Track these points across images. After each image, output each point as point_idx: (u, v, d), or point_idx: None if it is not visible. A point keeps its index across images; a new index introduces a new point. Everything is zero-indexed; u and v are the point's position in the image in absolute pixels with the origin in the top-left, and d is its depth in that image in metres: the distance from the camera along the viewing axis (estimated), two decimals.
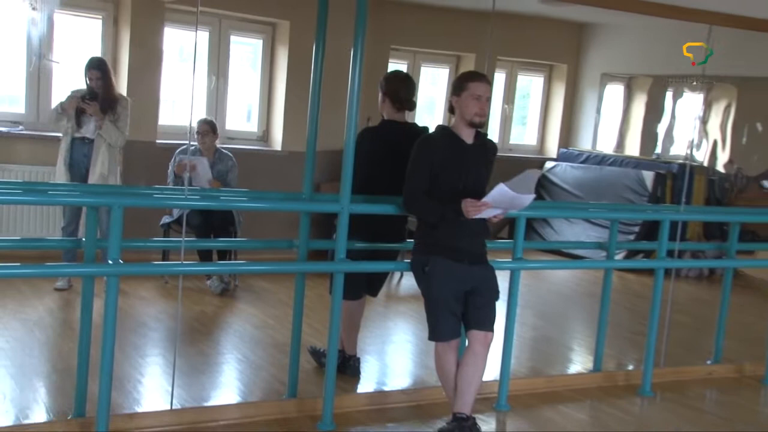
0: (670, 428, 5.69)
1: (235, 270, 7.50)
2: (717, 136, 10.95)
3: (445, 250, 4.76)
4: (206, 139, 7.57)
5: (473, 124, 4.75)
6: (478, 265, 4.88)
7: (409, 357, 6.65)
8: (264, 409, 5.06)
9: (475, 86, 4.71)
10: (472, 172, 4.81)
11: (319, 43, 5.02)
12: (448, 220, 4.69)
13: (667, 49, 10.12)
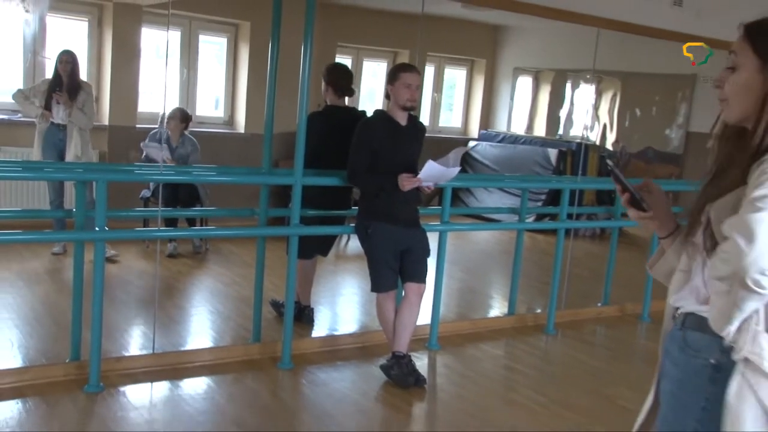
0: (568, 358, 5.81)
1: (205, 235, 7.49)
2: (606, 120, 11.09)
3: (385, 216, 4.77)
4: (171, 124, 7.42)
5: (405, 108, 4.76)
6: (412, 228, 4.91)
7: (356, 307, 6.67)
8: (232, 352, 5.06)
9: (406, 76, 4.72)
10: (406, 149, 4.84)
11: (274, 40, 5.00)
12: (387, 191, 4.71)
13: (566, 47, 10.22)
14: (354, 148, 4.80)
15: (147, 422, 4.07)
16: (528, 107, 12.00)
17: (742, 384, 1.85)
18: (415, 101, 4.80)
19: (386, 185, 4.70)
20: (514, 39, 11.92)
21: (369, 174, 4.77)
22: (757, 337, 1.82)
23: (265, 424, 4.17)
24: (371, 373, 4.95)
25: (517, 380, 5.28)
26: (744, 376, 1.85)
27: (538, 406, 4.74)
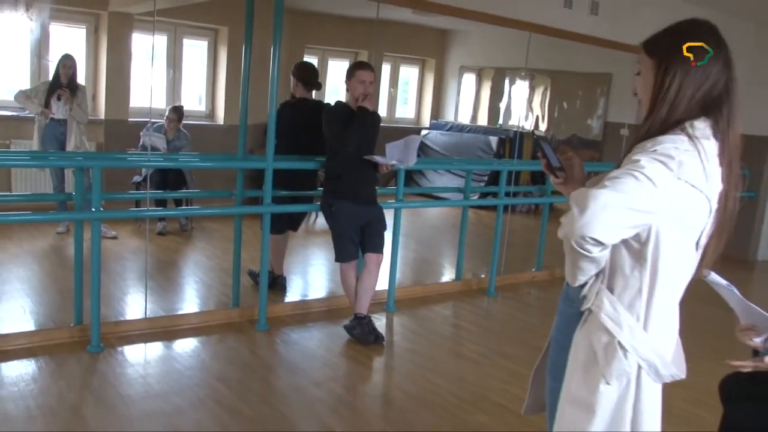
0: (506, 316, 5.88)
1: (189, 214, 7.46)
2: (539, 112, 11.14)
3: (347, 196, 4.77)
4: (171, 124, 7.45)
5: (359, 100, 4.73)
6: (371, 206, 4.91)
7: (324, 275, 6.67)
8: (215, 316, 5.05)
9: (360, 73, 4.73)
10: (366, 134, 4.79)
11: (247, 43, 4.95)
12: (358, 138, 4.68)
13: (504, 48, 10.25)
14: (327, 123, 4.76)
15: (142, 377, 4.06)
16: (472, 100, 12.02)
17: (584, 328, 1.96)
18: (370, 95, 4.77)
19: (358, 131, 4.67)
20: (460, 41, 11.93)
21: (346, 133, 4.68)
22: (600, 293, 1.91)
23: (245, 378, 4.18)
24: (337, 332, 4.97)
25: (462, 336, 5.34)
26: (587, 322, 1.95)
27: (481, 357, 4.80)
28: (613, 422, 1.92)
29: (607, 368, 1.89)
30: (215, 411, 3.70)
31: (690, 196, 1.81)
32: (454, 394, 4.14)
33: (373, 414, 3.92)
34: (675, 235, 1.84)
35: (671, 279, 1.89)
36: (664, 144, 1.80)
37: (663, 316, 1.92)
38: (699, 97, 1.88)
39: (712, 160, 1.84)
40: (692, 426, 3.69)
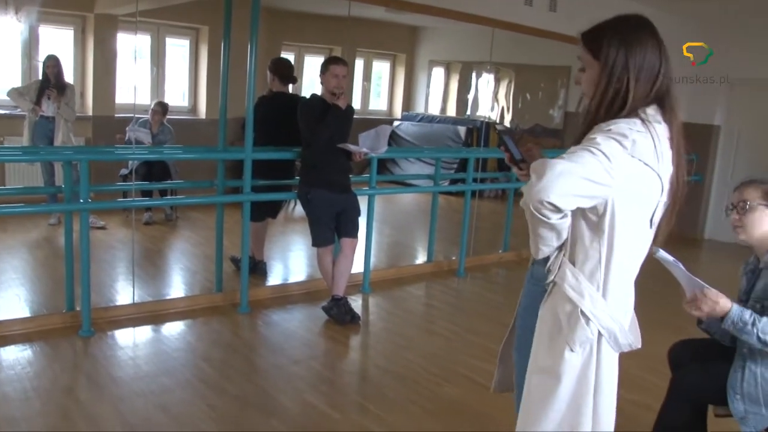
0: (475, 295, 5.92)
1: (172, 203, 7.37)
2: (504, 103, 11.18)
3: (322, 184, 4.74)
4: (156, 117, 7.39)
5: (333, 94, 4.69)
6: (345, 193, 4.87)
7: (302, 260, 6.66)
8: (200, 300, 5.04)
9: (333, 68, 4.68)
10: (339, 126, 4.74)
11: (226, 41, 4.89)
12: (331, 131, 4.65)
13: (470, 43, 10.26)
14: (302, 120, 4.72)
15: (131, 359, 4.04)
16: (441, 93, 12.02)
17: (549, 300, 1.99)
18: (342, 88, 4.72)
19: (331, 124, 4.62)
20: (429, 37, 11.92)
21: (320, 125, 4.64)
22: (563, 265, 1.95)
23: (229, 358, 4.17)
24: (315, 313, 4.97)
25: (434, 314, 5.37)
26: (552, 294, 1.99)
27: (452, 334, 4.84)
28: (578, 388, 1.95)
29: (571, 336, 1.92)
30: (201, 389, 3.69)
31: (643, 174, 1.85)
32: (426, 369, 4.16)
33: (351, 389, 3.93)
34: (629, 209, 1.87)
35: (627, 251, 1.92)
36: (619, 124, 1.84)
37: (620, 287, 1.96)
38: (645, 86, 1.90)
39: (664, 142, 1.88)
40: (646, 392, 3.75)
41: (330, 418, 3.48)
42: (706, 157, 9.05)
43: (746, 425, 2.66)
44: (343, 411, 3.57)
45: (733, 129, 8.95)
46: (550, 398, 1.96)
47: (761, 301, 2.67)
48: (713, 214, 9.23)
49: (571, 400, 1.96)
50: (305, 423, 3.41)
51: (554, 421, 1.97)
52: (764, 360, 2.66)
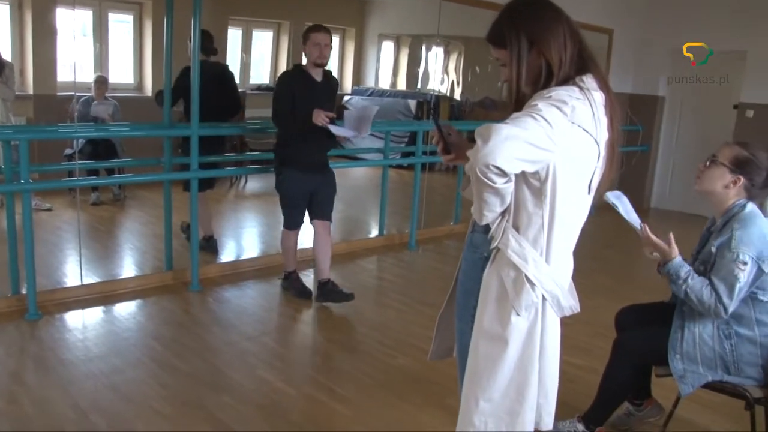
0: (427, 267, 5.96)
1: (117, 182, 7.04)
2: (454, 76, 11.22)
3: (296, 163, 4.54)
4: (100, 89, 7.23)
5: (316, 64, 4.47)
6: (320, 172, 4.68)
7: (254, 237, 6.64)
8: (150, 279, 4.98)
9: (315, 36, 4.46)
10: (322, 101, 4.45)
11: (168, 16, 4.77)
12: (303, 130, 4.41)
13: (420, 16, 10.24)
14: (275, 96, 4.51)
15: (80, 341, 3.98)
16: (391, 66, 12.00)
17: (493, 266, 2.02)
18: (325, 58, 4.49)
19: (305, 122, 4.35)
20: (378, 10, 11.85)
21: (290, 116, 4.44)
22: (506, 231, 1.98)
23: (180, 336, 4.14)
24: (267, 290, 4.97)
25: (386, 287, 5.41)
26: (495, 260, 2.02)
27: (403, 306, 4.88)
28: (524, 352, 2.00)
29: (516, 300, 1.96)
30: (152, 368, 3.67)
31: (582, 140, 1.90)
32: (378, 341, 4.20)
33: (304, 363, 3.95)
34: (569, 174, 1.91)
35: (568, 216, 1.97)
36: (559, 92, 1.87)
37: (562, 251, 2.01)
38: (569, 59, 1.94)
39: (600, 109, 1.93)
40: (593, 355, 3.84)
41: (283, 393, 3.49)
42: (652, 127, 9.24)
43: (684, 383, 2.76)
44: (297, 385, 3.59)
45: (677, 99, 9.14)
46: (498, 363, 2.00)
47: (704, 263, 2.76)
48: (659, 184, 9.46)
49: (518, 364, 2.00)
50: (258, 399, 3.41)
51: (502, 385, 2.01)
52: (702, 321, 2.76)
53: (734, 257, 2.61)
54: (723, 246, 2.67)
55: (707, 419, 3.44)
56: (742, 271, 2.59)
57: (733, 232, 2.66)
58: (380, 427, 3.21)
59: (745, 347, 2.72)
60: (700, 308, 2.68)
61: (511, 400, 2.02)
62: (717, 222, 2.82)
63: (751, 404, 2.72)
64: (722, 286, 2.62)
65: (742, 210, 2.73)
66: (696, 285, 2.66)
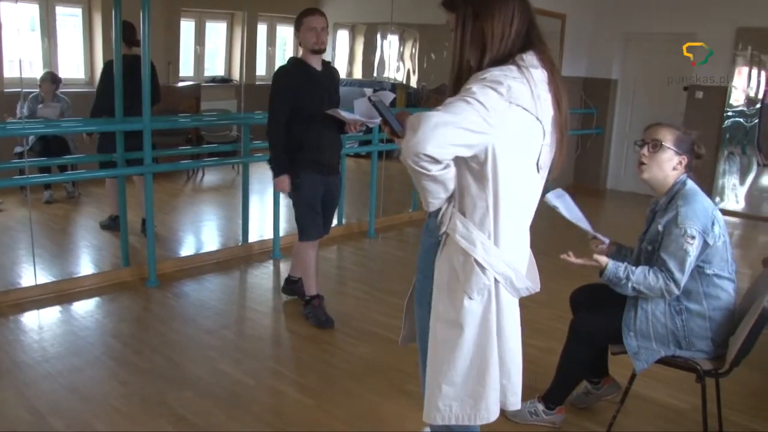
0: (386, 255, 5.97)
1: (70, 178, 6.86)
2: (410, 64, 11.23)
3: (312, 165, 4.06)
4: (44, 86, 7.04)
5: (314, 51, 4.04)
6: (332, 175, 4.22)
7: (212, 230, 6.58)
8: (107, 277, 4.90)
9: (309, 20, 4.03)
10: (324, 94, 4.06)
11: (117, 9, 4.70)
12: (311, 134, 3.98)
13: (375, 4, 10.19)
14: (272, 96, 4.02)
15: (36, 342, 3.90)
16: (347, 55, 11.96)
17: (444, 252, 2.05)
18: (324, 43, 4.04)
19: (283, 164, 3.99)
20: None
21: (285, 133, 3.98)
22: (453, 216, 2.00)
23: (139, 333, 4.10)
24: (226, 283, 4.94)
25: (346, 276, 5.41)
26: (445, 245, 2.04)
27: (364, 294, 4.89)
28: (481, 335, 2.01)
29: (467, 284, 1.97)
30: (111, 366, 3.63)
31: (522, 119, 1.89)
32: (339, 330, 4.21)
33: (264, 355, 3.93)
34: (511, 154, 1.91)
35: (514, 196, 1.96)
36: (494, 72, 1.87)
37: (512, 233, 2.00)
38: (514, 35, 1.94)
39: (541, 86, 1.92)
40: (554, 337, 3.90)
41: (245, 385, 3.47)
42: (605, 110, 9.38)
43: (639, 360, 2.82)
44: (258, 377, 3.58)
45: (630, 82, 9.28)
46: (456, 347, 2.01)
47: (652, 243, 2.82)
48: (614, 165, 9.60)
49: (476, 347, 2.02)
50: (219, 392, 3.39)
51: (462, 369, 2.03)
52: (654, 299, 2.82)
53: (682, 232, 2.67)
54: (670, 223, 2.72)
55: (662, 393, 3.52)
56: (691, 245, 2.66)
57: (678, 209, 2.72)
58: (343, 415, 3.22)
59: (695, 322, 2.79)
60: (652, 294, 2.73)
61: (473, 383, 2.04)
62: (660, 201, 2.87)
63: (702, 377, 2.79)
64: (673, 262, 2.68)
65: (684, 187, 2.80)
66: (639, 277, 2.72)
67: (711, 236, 2.71)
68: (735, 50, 8.17)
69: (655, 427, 3.26)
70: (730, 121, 8.37)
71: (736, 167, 8.44)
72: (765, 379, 3.85)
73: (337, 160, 4.26)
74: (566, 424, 3.17)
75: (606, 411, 3.22)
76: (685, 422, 3.28)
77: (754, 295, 2.86)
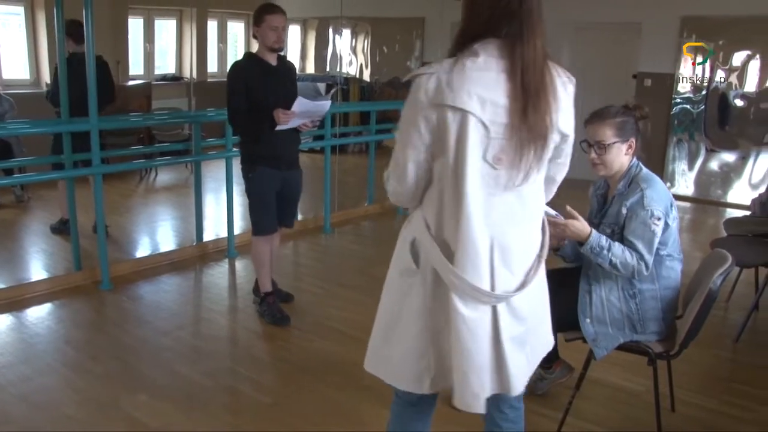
0: (343, 249, 5.96)
1: (17, 182, 6.67)
2: (362, 58, 11.21)
3: (266, 160, 4.05)
4: None
5: (273, 49, 4.01)
6: (291, 169, 4.21)
7: (167, 230, 6.48)
8: (60, 281, 4.80)
9: (271, 18, 3.95)
10: (280, 88, 4.01)
11: (59, 8, 4.58)
12: (264, 130, 3.96)
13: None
14: (229, 91, 3.97)
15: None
16: (299, 50, 11.90)
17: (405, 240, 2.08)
18: (282, 42, 4.02)
19: (264, 123, 3.93)
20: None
21: (248, 117, 3.98)
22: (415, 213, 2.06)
23: (93, 337, 4.03)
24: (181, 283, 4.89)
25: (302, 272, 5.38)
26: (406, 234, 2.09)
27: (320, 290, 4.87)
28: (393, 308, 2.08)
29: (400, 262, 2.06)
30: (64, 373, 3.55)
31: (451, 115, 1.80)
32: (296, 327, 4.19)
33: (221, 354, 3.89)
34: (450, 152, 1.84)
35: (456, 191, 1.87)
36: (416, 81, 1.85)
37: (453, 226, 1.90)
38: (485, 17, 1.84)
39: (487, 76, 1.81)
40: None
41: (201, 386, 3.44)
42: None
43: (598, 347, 2.85)
44: (215, 377, 3.54)
45: (580, 71, 9.36)
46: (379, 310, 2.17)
47: (612, 226, 2.84)
48: None
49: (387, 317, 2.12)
50: (175, 394, 3.35)
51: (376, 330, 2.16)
52: (607, 283, 2.85)
53: (649, 214, 2.71)
54: (635, 205, 2.75)
55: (617, 376, 3.58)
56: (657, 227, 2.71)
57: (644, 192, 2.75)
58: (301, 410, 3.21)
59: (649, 303, 2.83)
60: (624, 272, 2.74)
61: (378, 346, 2.13)
62: (618, 185, 2.89)
63: (653, 359, 2.84)
64: (641, 244, 2.72)
65: (641, 170, 2.85)
66: (617, 251, 2.73)
67: (671, 217, 2.78)
68: (680, 38, 8.33)
69: (610, 410, 3.31)
70: (678, 108, 8.54)
71: (685, 153, 8.62)
72: (714, 358, 3.95)
73: (294, 155, 4.25)
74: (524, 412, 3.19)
75: (563, 396, 3.26)
76: (639, 404, 3.35)
77: (701, 277, 2.93)
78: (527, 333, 2.02)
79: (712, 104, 8.32)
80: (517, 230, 1.95)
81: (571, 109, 1.98)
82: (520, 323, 1.99)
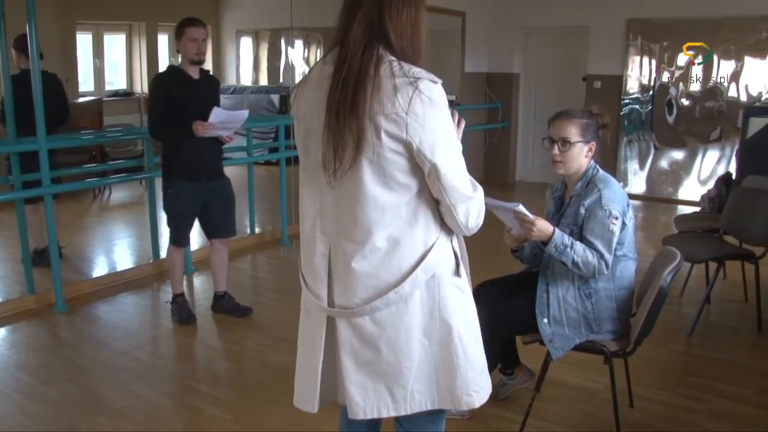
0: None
1: None
2: None
3: (185, 173, 4.12)
4: None
5: (193, 61, 4.08)
6: (214, 180, 4.28)
7: (123, 248, 6.38)
8: (10, 306, 4.69)
9: (191, 31, 4.05)
10: (200, 101, 4.07)
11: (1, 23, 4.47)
12: (185, 139, 4.02)
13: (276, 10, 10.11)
14: (150, 101, 4.09)
15: None
16: (252, 62, 11.84)
17: None
18: (203, 55, 4.09)
19: (183, 133, 4.00)
20: (234, 6, 11.63)
21: (168, 125, 4.05)
22: None
23: (47, 362, 3.93)
24: (139, 302, 4.82)
25: (261, 286, 5.36)
26: None
27: (278, 303, 4.86)
28: None
29: None
30: (17, 400, 3.46)
31: (298, 126, 1.88)
32: (255, 341, 4.16)
33: (180, 373, 3.83)
34: (302, 158, 1.89)
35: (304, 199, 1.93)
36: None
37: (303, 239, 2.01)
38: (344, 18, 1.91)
39: (315, 82, 1.80)
40: None
41: (160, 406, 3.39)
42: (510, 103, 9.59)
43: (554, 347, 2.88)
44: (174, 396, 3.50)
45: (531, 75, 9.53)
46: None
47: (570, 226, 2.88)
48: (522, 157, 9.83)
49: None
50: (134, 415, 3.29)
51: None
52: (563, 283, 2.89)
53: (607, 214, 2.76)
54: (594, 205, 2.79)
55: (575, 376, 3.63)
56: (615, 226, 2.76)
57: (601, 192, 2.80)
58: (263, 425, 3.18)
59: (604, 303, 2.87)
60: (585, 271, 2.78)
61: None
62: (575, 186, 2.93)
63: (609, 358, 2.89)
64: (600, 243, 2.76)
65: (597, 172, 2.90)
66: (579, 249, 2.76)
67: (628, 217, 2.83)
68: (627, 40, 8.51)
69: (570, 409, 3.35)
70: (628, 108, 8.71)
71: (636, 152, 8.79)
72: (669, 353, 4.03)
73: (217, 165, 4.35)
74: (485, 416, 3.22)
75: (523, 398, 3.28)
76: (598, 401, 3.39)
77: (652, 275, 2.98)
78: (380, 365, 1.85)
79: (659, 104, 8.51)
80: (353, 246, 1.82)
81: None
82: (367, 347, 1.85)
